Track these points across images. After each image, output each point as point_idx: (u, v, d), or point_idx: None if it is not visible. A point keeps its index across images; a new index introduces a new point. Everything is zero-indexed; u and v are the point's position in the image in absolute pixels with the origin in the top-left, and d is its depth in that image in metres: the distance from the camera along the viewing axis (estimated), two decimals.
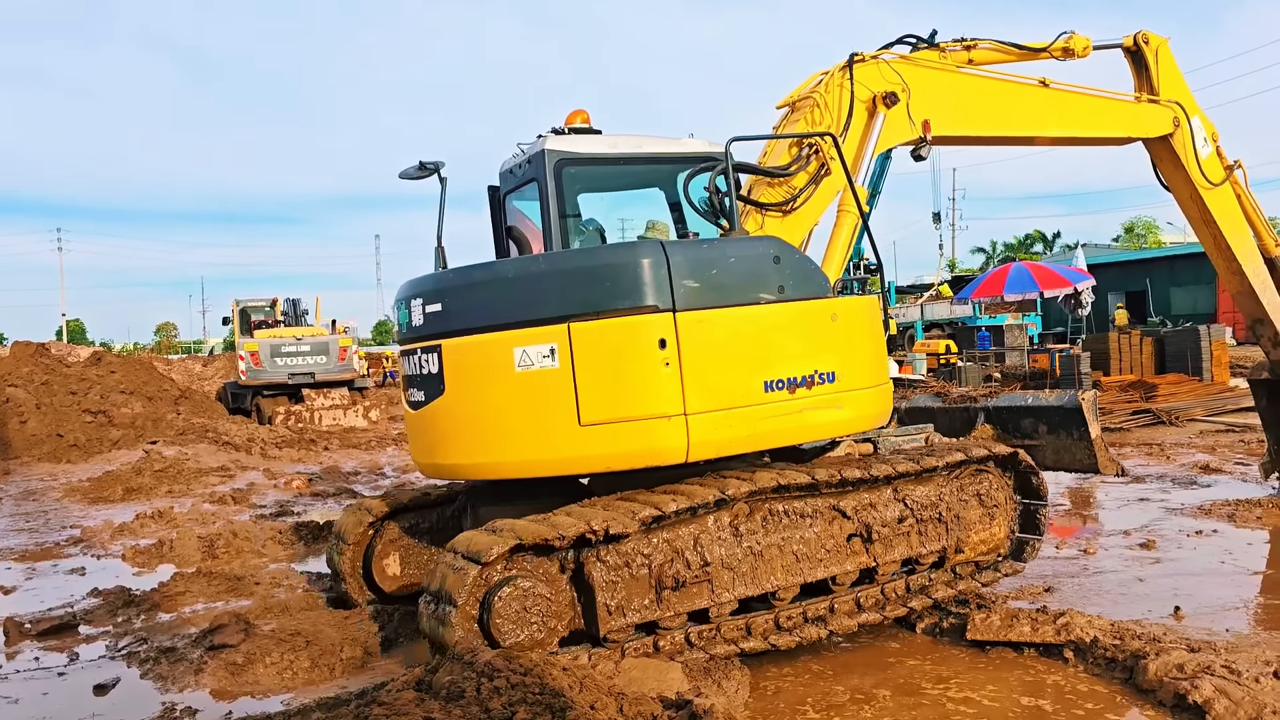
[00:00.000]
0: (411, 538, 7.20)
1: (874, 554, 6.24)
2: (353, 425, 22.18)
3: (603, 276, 5.62)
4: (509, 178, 7.07)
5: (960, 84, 8.05)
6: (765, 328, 5.87)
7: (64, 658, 6.45)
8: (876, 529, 6.21)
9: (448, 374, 5.97)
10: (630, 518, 5.26)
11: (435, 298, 6.11)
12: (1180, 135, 9.39)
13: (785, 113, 7.51)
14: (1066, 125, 8.79)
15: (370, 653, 6.11)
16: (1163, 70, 9.42)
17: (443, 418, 6.06)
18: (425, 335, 6.16)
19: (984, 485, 6.77)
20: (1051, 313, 40.03)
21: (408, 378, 6.50)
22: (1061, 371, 22.53)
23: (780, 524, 5.92)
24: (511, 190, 7.13)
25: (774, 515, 5.91)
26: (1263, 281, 10.08)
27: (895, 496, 6.34)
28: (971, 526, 6.69)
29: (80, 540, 10.37)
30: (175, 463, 14.74)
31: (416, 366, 6.30)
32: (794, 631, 5.89)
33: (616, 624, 5.30)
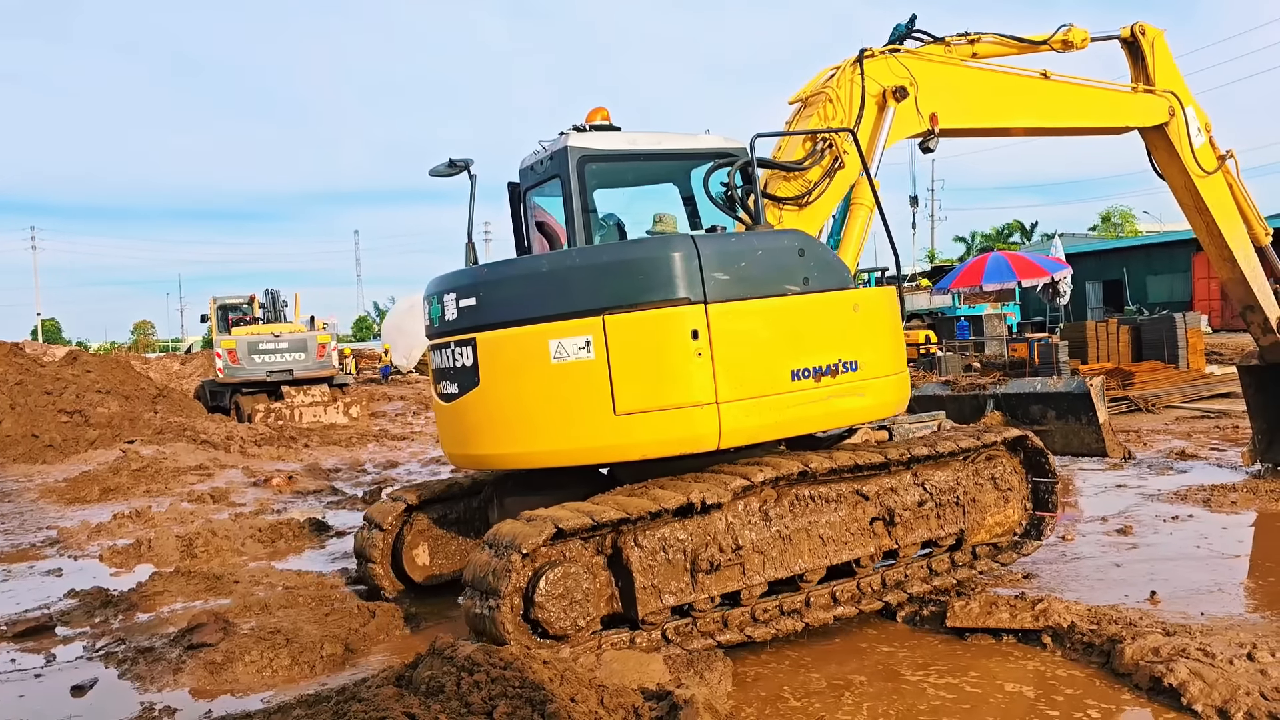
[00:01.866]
0: (440, 528, 7.39)
1: (895, 536, 6.46)
2: (333, 422, 22.05)
3: (636, 270, 5.84)
4: (530, 174, 7.11)
5: (966, 77, 8.21)
6: (791, 318, 6.12)
7: (41, 659, 6.39)
8: (899, 512, 6.45)
9: (483, 366, 6.14)
10: (680, 497, 5.63)
11: (470, 292, 6.24)
12: (1175, 124, 9.57)
13: (797, 108, 7.57)
14: (1067, 116, 8.98)
15: (351, 649, 6.09)
16: (1158, 61, 9.61)
17: (477, 409, 6.24)
18: (459, 329, 6.29)
19: (997, 469, 6.96)
20: (1030, 302, 40.26)
21: (439, 371, 6.60)
22: (1040, 360, 22.67)
23: (807, 509, 6.14)
24: (532, 186, 7.19)
25: (800, 500, 6.12)
26: (1253, 269, 10.26)
27: (915, 480, 6.57)
28: (987, 509, 6.88)
29: (57, 541, 10.28)
30: (153, 462, 14.63)
31: (450, 360, 6.41)
32: (821, 613, 6.11)
33: (654, 606, 5.55)
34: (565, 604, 5.36)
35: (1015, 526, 7.12)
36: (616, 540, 5.58)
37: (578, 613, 5.41)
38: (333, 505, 11.88)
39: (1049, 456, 7.10)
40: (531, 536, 5.25)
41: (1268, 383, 10.49)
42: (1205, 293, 43.14)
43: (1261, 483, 10.10)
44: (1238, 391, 18.62)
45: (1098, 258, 49.64)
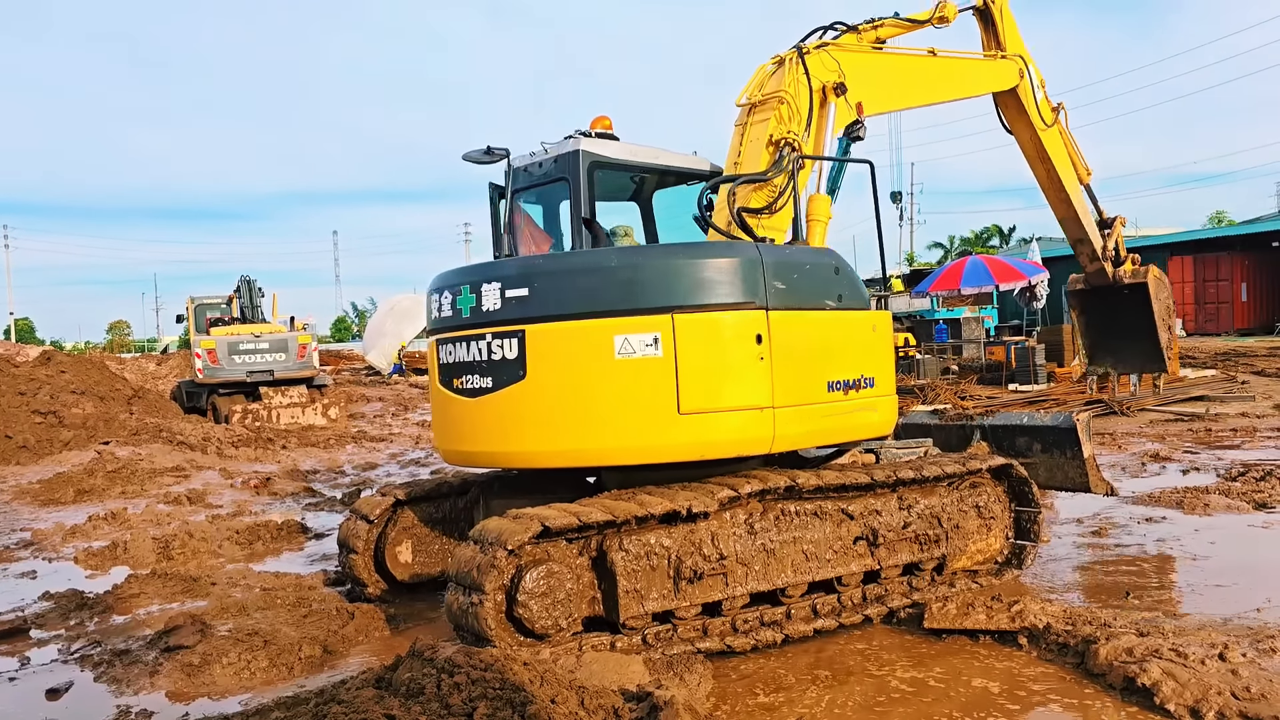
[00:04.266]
0: (425, 526, 7.41)
1: (878, 557, 6.55)
2: (311, 423, 21.94)
3: (708, 271, 5.91)
4: (523, 175, 7.09)
5: (881, 63, 8.53)
6: (829, 332, 6.38)
7: (14, 662, 6.33)
8: (882, 533, 6.54)
9: (530, 359, 6.01)
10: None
11: (520, 282, 6.10)
12: (1024, 85, 10.35)
13: (745, 110, 7.56)
14: (954, 89, 9.62)
15: (330, 651, 6.07)
16: (1007, 26, 10.29)
17: (520, 404, 6.09)
18: (503, 320, 6.12)
19: (982, 496, 7.09)
20: (1007, 305, 40.49)
21: (459, 365, 6.37)
22: (1017, 363, 22.87)
23: (791, 524, 6.22)
24: (525, 188, 7.19)
25: (786, 515, 6.21)
26: (1082, 205, 11.62)
27: (900, 503, 6.68)
28: (970, 536, 6.99)
29: (30, 543, 10.17)
30: (129, 463, 14.51)
31: (482, 352, 6.25)
32: (802, 624, 6.19)
33: (636, 611, 5.60)
34: (548, 603, 5.38)
35: (997, 555, 7.21)
36: (602, 543, 5.61)
37: (560, 613, 5.43)
38: (311, 507, 11.82)
39: (1033, 486, 7.20)
40: (517, 533, 5.27)
41: (1091, 304, 12.34)
42: (1179, 296, 43.58)
43: (1234, 485, 10.23)
44: (1211, 394, 18.89)
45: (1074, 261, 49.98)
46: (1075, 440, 7.84)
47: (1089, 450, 7.90)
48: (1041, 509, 7.24)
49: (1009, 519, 7.27)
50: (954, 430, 8.82)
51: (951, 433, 8.80)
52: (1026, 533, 7.27)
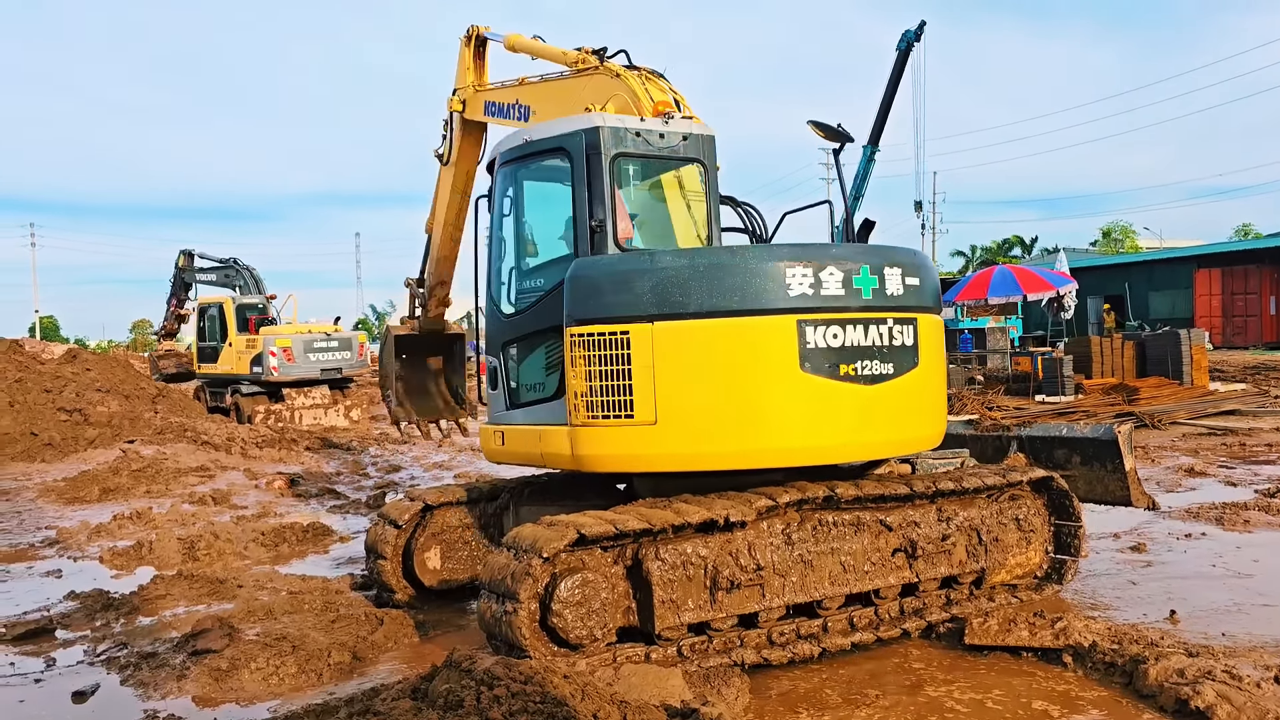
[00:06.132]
0: (454, 532, 7.35)
1: (916, 569, 6.39)
2: (334, 424, 21.96)
3: None
4: (633, 141, 6.56)
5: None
6: None
7: (41, 663, 6.27)
8: (921, 545, 6.39)
9: (922, 347, 6.24)
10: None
11: (914, 272, 6.23)
12: None
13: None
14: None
15: (359, 657, 5.98)
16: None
17: (910, 392, 6.18)
18: (903, 307, 6.16)
19: (1021, 509, 6.95)
20: (1031, 315, 40.19)
21: (859, 349, 5.99)
22: (1044, 374, 22.61)
23: (829, 534, 6.09)
24: (637, 156, 6.75)
25: (824, 525, 6.08)
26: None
27: (939, 515, 6.53)
28: (1009, 549, 6.84)
29: (56, 542, 10.15)
30: (153, 462, 14.50)
31: (884, 337, 6.09)
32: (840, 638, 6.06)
33: (672, 621, 5.49)
34: (582, 613, 5.28)
35: (1036, 569, 7.07)
36: (638, 551, 5.50)
37: (595, 622, 5.32)
38: (335, 509, 11.77)
39: (1074, 499, 7.05)
40: (553, 541, 5.17)
41: (410, 349, 11.53)
42: (1207, 309, 43.15)
43: (1274, 501, 10.02)
44: (1244, 409, 18.60)
45: (1099, 273, 49.62)
46: (1116, 453, 7.66)
47: (1130, 463, 7.72)
48: (1082, 523, 7.08)
49: (1049, 533, 7.12)
50: (989, 441, 8.65)
51: (987, 443, 8.63)
52: (1066, 547, 7.12)
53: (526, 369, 6.76)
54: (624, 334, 5.82)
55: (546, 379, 6.51)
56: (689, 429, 5.79)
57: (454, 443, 18.10)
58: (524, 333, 6.76)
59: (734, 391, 5.77)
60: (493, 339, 7.07)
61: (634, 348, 5.79)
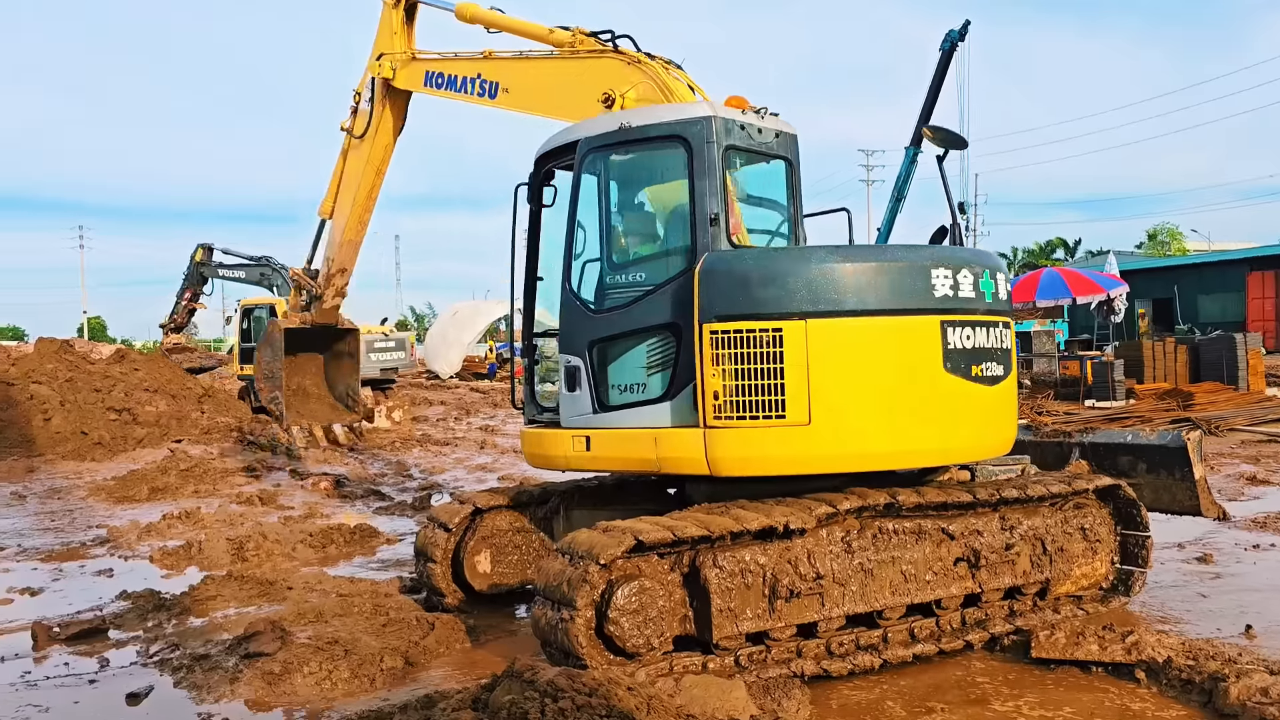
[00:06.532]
0: (505, 536, 7.22)
1: (979, 579, 6.21)
2: (376, 426, 22.02)
3: None
4: (739, 133, 6.38)
5: None
6: None
7: (94, 663, 6.27)
8: (984, 554, 6.21)
9: (1010, 350, 6.40)
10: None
11: (1007, 277, 6.48)
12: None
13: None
14: None
15: (411, 662, 5.90)
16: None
17: (1010, 393, 6.44)
18: (1007, 310, 6.40)
19: (1087, 518, 6.73)
20: (1077, 319, 39.56)
21: (983, 350, 6.08)
22: (1094, 379, 22.18)
23: (890, 542, 5.93)
24: (741, 150, 6.58)
25: (884, 533, 5.92)
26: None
27: (1002, 523, 6.33)
28: (1074, 559, 6.63)
29: (107, 541, 10.22)
30: (201, 462, 14.60)
31: (998, 339, 6.23)
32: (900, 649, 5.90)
33: (730, 631, 5.36)
34: (639, 621, 5.17)
35: (1102, 580, 6.86)
36: (695, 558, 5.37)
37: (651, 631, 5.21)
38: (381, 511, 11.76)
39: (1141, 509, 6.84)
40: (610, 547, 5.06)
41: (298, 346, 10.84)
42: (1260, 313, 42.20)
43: None
44: None
45: (1147, 275, 48.75)
46: (1185, 460, 7.41)
47: (1200, 471, 7.47)
48: (1150, 533, 6.86)
49: (1115, 542, 6.90)
50: (1050, 447, 8.42)
51: (1047, 450, 8.40)
52: (1132, 557, 6.89)
53: (623, 369, 6.32)
54: (776, 331, 5.65)
55: (649, 379, 6.18)
56: (843, 430, 5.71)
57: (494, 445, 18.10)
58: (620, 330, 6.31)
59: (885, 391, 5.76)
60: (573, 337, 6.50)
61: (787, 345, 5.64)
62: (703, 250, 5.99)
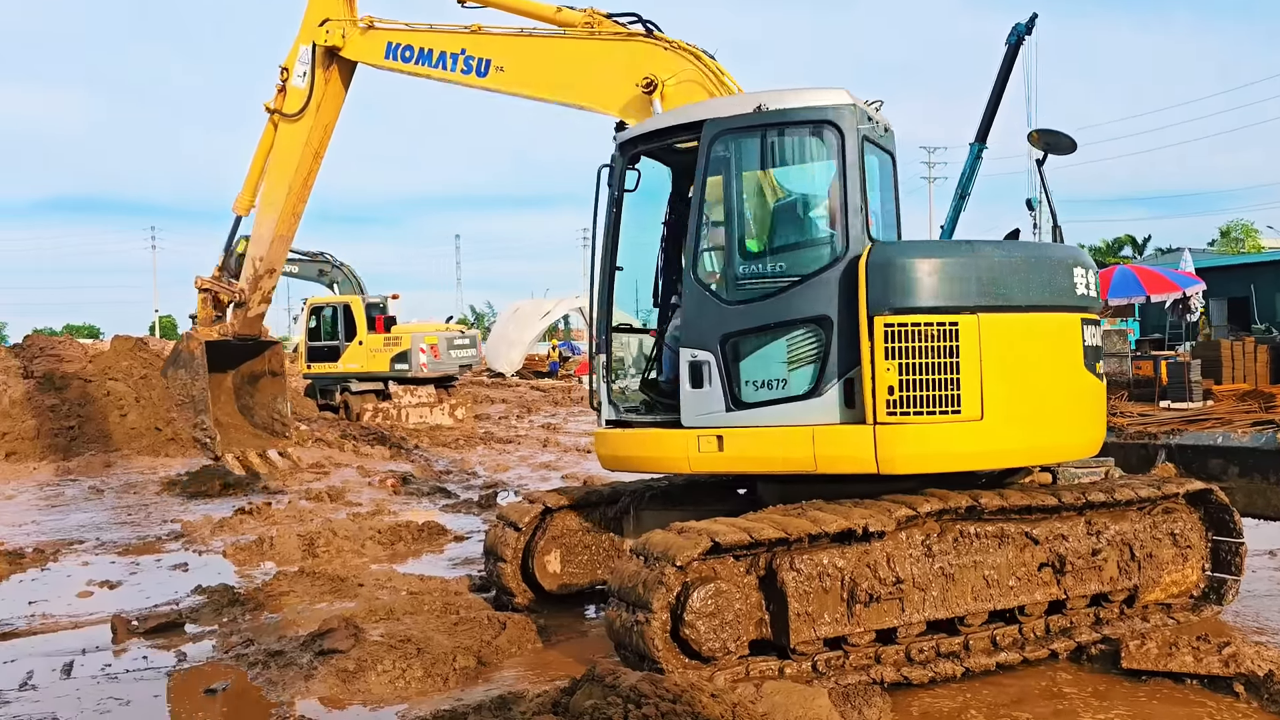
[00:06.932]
0: (573, 536, 7.18)
1: (1064, 586, 6.03)
2: (439, 423, 22.18)
3: None
4: (867, 125, 6.28)
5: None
6: None
7: (172, 657, 6.34)
8: (1070, 560, 6.02)
9: None
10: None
11: None
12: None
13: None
14: None
15: (484, 662, 5.88)
16: None
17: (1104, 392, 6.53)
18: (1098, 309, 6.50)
19: (1177, 524, 6.50)
20: (1148, 318, 38.48)
21: (1097, 349, 6.29)
22: (1170, 379, 21.54)
23: (971, 546, 5.77)
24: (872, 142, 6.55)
25: (965, 537, 5.77)
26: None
27: (1088, 528, 6.14)
28: (1164, 566, 6.42)
29: (181, 535, 10.38)
30: (270, 458, 14.78)
31: (1099, 339, 6.41)
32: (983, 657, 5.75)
33: (807, 635, 5.26)
34: (715, 624, 5.08)
35: (1192, 588, 6.63)
36: (772, 561, 5.26)
37: (728, 635, 5.12)
38: (447, 508, 11.80)
39: (1234, 514, 6.57)
40: (686, 549, 4.98)
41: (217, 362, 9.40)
42: None
43: None
44: None
45: (1221, 273, 47.24)
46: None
47: None
48: (1244, 539, 6.59)
49: (1206, 549, 6.64)
50: (1134, 449, 8.17)
51: (1131, 452, 8.16)
52: (1224, 565, 6.63)
53: (760, 364, 5.99)
54: (952, 325, 5.61)
55: (791, 374, 5.89)
56: (1011, 424, 5.77)
57: (557, 444, 18.10)
58: (759, 324, 5.99)
59: (1042, 386, 5.89)
60: (701, 330, 6.12)
61: (962, 339, 5.61)
62: (852, 241, 5.85)
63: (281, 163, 8.75)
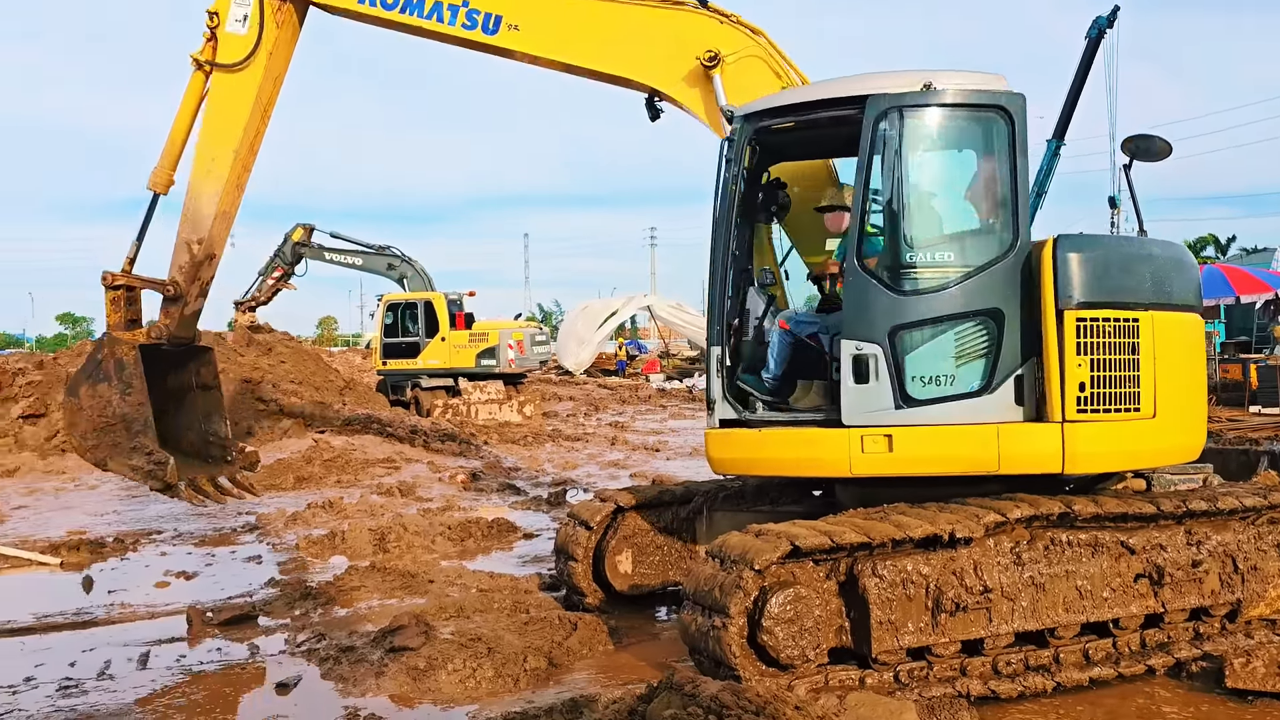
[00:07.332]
0: (645, 536, 7.04)
1: (1162, 598, 5.72)
2: (507, 420, 22.25)
3: None
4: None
5: None
6: None
7: (245, 650, 6.36)
8: (1169, 571, 5.70)
9: None
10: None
11: None
12: None
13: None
14: None
15: (555, 664, 5.77)
16: None
17: None
18: None
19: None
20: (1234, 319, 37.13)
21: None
22: (1260, 383, 20.70)
23: (1064, 555, 5.51)
24: None
25: (1057, 545, 5.51)
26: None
27: (1188, 538, 5.82)
28: (1269, 579, 6.06)
29: (255, 528, 10.49)
30: (343, 453, 14.94)
31: None
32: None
33: (889, 645, 5.07)
34: (794, 630, 4.90)
35: None
36: (853, 566, 5.07)
37: (807, 642, 4.94)
38: (516, 505, 11.77)
39: None
40: (765, 552, 4.82)
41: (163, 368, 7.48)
42: None
43: None
44: None
45: None
46: None
47: None
48: None
49: None
50: (1233, 455, 7.79)
51: (1230, 458, 7.78)
52: None
53: (928, 359, 5.67)
54: (1134, 321, 5.59)
55: (959, 370, 5.63)
56: (1174, 423, 5.81)
57: (625, 442, 18.01)
58: (930, 315, 5.67)
59: (1185, 385, 5.89)
60: (868, 321, 5.68)
61: (1142, 336, 5.60)
62: (1022, 232, 5.70)
63: (223, 123, 7.25)
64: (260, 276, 26.59)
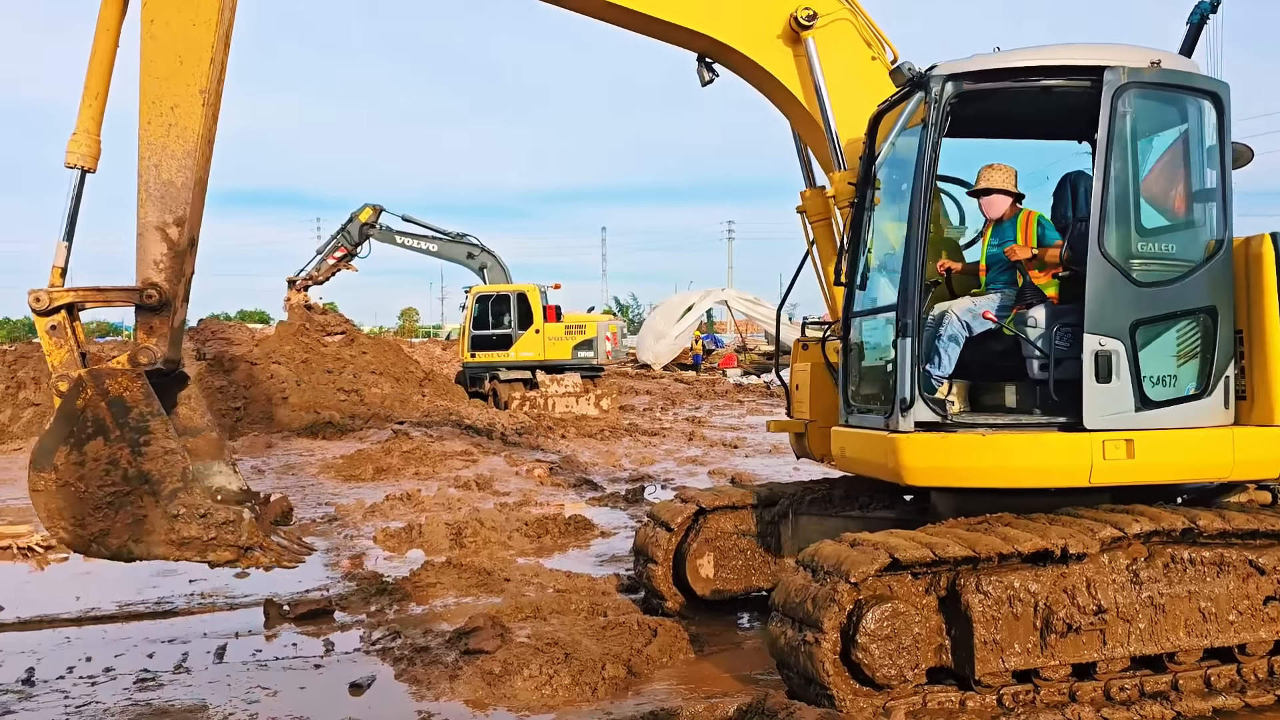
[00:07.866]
0: (727, 539, 6.77)
1: None
2: (584, 413, 22.16)
3: None
4: None
5: None
6: None
7: (320, 646, 6.27)
8: None
9: None
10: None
11: None
12: None
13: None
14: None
15: (634, 672, 5.54)
16: None
17: None
18: None
19: None
20: None
21: None
22: None
23: (1185, 574, 5.10)
24: None
25: (1178, 563, 5.10)
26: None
27: None
28: None
29: (335, 518, 10.49)
30: (421, 444, 14.96)
31: None
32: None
33: (994, 666, 4.74)
34: (891, 648, 4.59)
35: None
36: (954, 581, 4.74)
37: (904, 660, 4.62)
38: (593, 501, 11.58)
39: None
40: (862, 564, 4.51)
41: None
42: None
43: None
44: None
45: None
46: None
47: None
48: None
49: None
50: None
51: None
52: None
53: (1159, 357, 5.39)
54: None
55: (1179, 370, 5.37)
56: None
57: (702, 438, 17.73)
58: (1163, 311, 5.40)
59: None
60: (1110, 314, 5.31)
61: None
62: (1229, 226, 5.50)
63: (176, 57, 5.08)
64: (319, 255, 25.42)
